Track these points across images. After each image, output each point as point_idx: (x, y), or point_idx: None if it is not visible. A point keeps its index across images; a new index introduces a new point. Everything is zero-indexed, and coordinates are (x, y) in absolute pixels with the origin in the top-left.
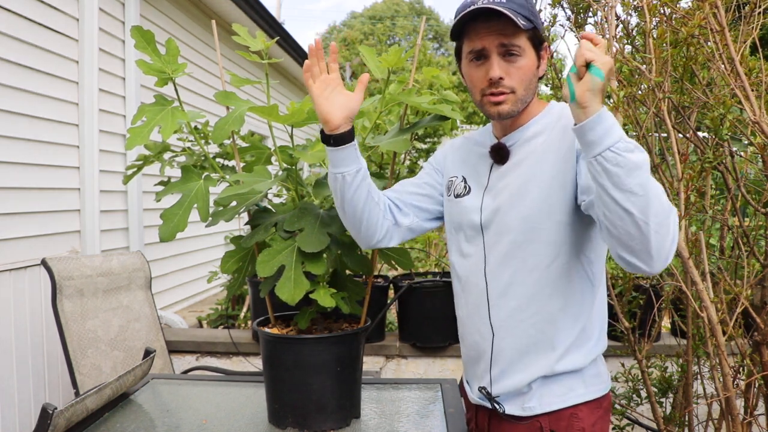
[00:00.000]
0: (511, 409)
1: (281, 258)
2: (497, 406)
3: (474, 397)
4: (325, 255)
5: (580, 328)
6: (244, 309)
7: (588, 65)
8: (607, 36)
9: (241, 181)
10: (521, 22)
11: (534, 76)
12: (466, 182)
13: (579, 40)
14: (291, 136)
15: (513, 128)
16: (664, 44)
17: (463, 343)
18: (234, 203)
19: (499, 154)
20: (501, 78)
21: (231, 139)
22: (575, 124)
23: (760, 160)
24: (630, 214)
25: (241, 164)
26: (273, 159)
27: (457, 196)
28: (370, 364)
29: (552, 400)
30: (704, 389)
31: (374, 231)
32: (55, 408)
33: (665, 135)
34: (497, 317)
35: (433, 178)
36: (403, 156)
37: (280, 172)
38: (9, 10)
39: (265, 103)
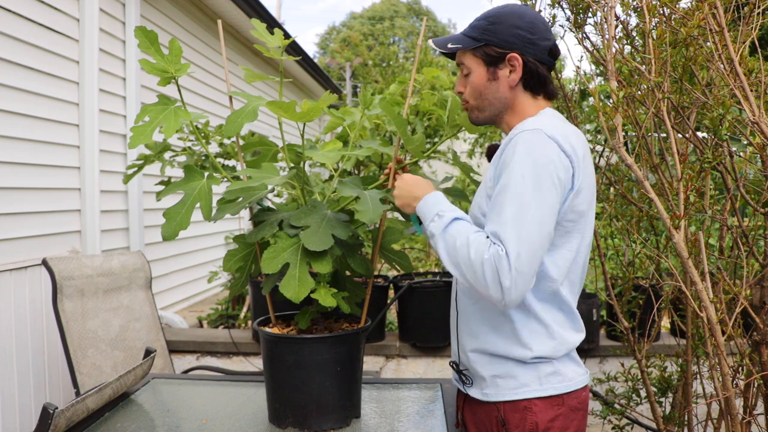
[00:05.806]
0: (473, 392)
1: (286, 256)
2: (464, 379)
3: (454, 377)
4: (329, 254)
5: (502, 320)
6: (245, 309)
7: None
8: (607, 36)
9: (244, 177)
10: (454, 45)
11: (485, 88)
12: None
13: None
14: (302, 134)
15: (507, 132)
16: (664, 45)
17: None
18: (240, 198)
19: (489, 153)
20: (460, 92)
21: (234, 139)
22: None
23: (759, 160)
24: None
25: (243, 165)
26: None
27: None
28: (370, 364)
29: (506, 392)
30: (703, 389)
31: None
32: (56, 408)
33: (665, 135)
34: (457, 299)
35: None
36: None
37: (287, 170)
38: (9, 10)
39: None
